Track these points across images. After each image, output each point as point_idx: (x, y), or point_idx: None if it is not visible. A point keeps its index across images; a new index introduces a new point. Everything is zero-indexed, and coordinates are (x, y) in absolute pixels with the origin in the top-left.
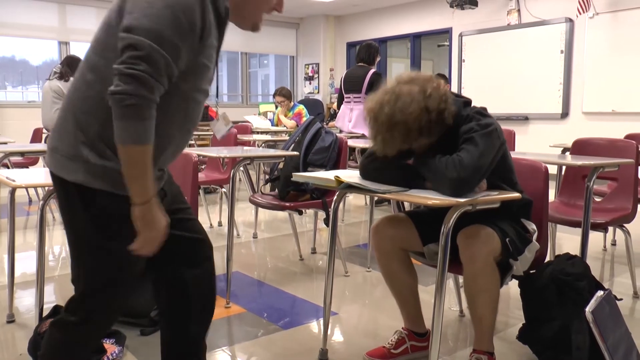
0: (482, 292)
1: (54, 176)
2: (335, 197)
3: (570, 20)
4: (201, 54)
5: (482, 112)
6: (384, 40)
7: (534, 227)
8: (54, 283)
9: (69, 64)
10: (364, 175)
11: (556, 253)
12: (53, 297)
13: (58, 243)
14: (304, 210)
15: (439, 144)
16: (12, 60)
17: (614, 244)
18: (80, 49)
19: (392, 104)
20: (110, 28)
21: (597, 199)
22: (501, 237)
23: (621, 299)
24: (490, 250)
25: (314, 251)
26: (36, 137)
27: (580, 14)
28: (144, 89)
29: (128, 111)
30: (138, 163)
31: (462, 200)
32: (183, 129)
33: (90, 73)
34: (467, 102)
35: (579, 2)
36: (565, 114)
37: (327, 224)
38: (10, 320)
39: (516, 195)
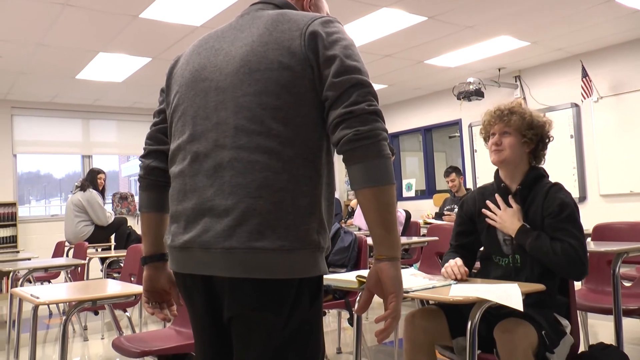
0: None
1: (257, 282)
2: (358, 297)
3: (576, 105)
4: None
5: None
6: (395, 135)
7: (567, 323)
8: None
9: (92, 178)
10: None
11: (590, 341)
12: None
13: (77, 355)
14: (327, 310)
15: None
16: (37, 175)
17: None
18: (102, 162)
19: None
20: (285, 89)
21: (627, 284)
22: (537, 329)
23: None
24: (529, 345)
25: (339, 351)
26: (59, 250)
27: (584, 99)
28: (384, 124)
29: (384, 148)
30: (394, 206)
31: (484, 297)
32: None
33: (287, 147)
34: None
35: (582, 88)
36: (583, 198)
37: (351, 323)
38: None
39: (539, 286)
